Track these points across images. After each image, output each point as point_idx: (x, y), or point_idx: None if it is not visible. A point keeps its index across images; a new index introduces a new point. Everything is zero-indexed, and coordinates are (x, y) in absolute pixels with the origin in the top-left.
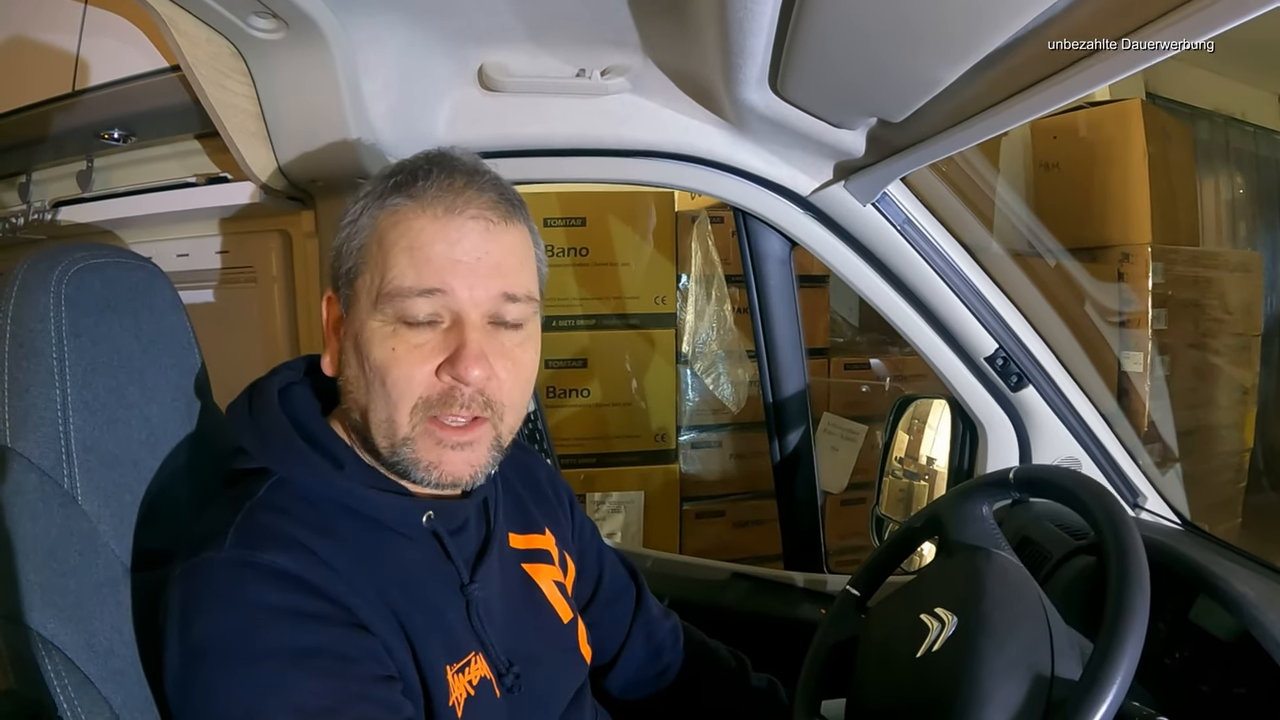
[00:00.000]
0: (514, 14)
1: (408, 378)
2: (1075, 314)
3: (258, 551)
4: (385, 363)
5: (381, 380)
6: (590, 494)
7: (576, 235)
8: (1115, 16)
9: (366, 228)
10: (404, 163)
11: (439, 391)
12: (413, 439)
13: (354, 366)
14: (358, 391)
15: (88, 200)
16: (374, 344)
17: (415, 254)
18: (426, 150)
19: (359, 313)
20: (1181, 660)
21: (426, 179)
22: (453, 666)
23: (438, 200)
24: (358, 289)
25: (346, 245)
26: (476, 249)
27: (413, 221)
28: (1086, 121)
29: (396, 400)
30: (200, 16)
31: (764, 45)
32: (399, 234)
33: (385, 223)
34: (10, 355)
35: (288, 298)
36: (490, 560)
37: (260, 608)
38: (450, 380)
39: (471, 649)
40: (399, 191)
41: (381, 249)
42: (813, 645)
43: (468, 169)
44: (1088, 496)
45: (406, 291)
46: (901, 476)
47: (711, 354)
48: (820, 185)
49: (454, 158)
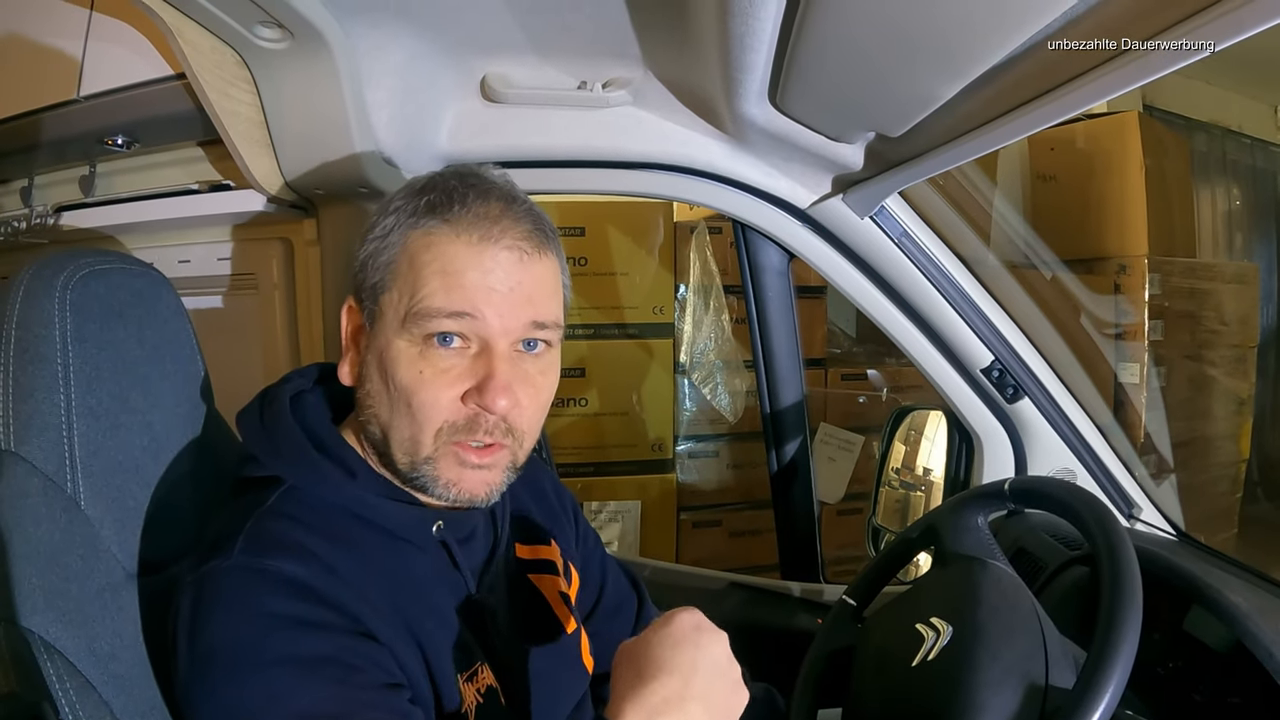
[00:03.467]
0: (517, 26)
1: (434, 402)
2: (1071, 326)
3: (266, 559)
4: (412, 384)
5: (407, 402)
6: (587, 503)
7: (575, 245)
8: (1114, 32)
9: (397, 245)
10: (435, 179)
11: (464, 417)
12: (435, 459)
13: (376, 381)
14: (379, 406)
15: (90, 206)
16: (400, 363)
17: (448, 278)
18: (457, 168)
19: (384, 329)
20: (1175, 670)
21: (463, 203)
22: (463, 675)
23: (473, 227)
24: (383, 304)
25: (373, 260)
26: (510, 279)
27: (446, 246)
28: (1084, 134)
29: (422, 423)
30: (206, 25)
31: (764, 60)
32: (432, 256)
33: (418, 243)
34: (15, 360)
35: (289, 305)
36: (496, 570)
37: (268, 615)
38: (475, 408)
39: (479, 658)
40: (433, 214)
41: (413, 268)
42: (809, 654)
43: (504, 194)
44: (1082, 507)
45: (436, 312)
46: (898, 487)
47: (709, 364)
48: (818, 198)
49: (489, 180)
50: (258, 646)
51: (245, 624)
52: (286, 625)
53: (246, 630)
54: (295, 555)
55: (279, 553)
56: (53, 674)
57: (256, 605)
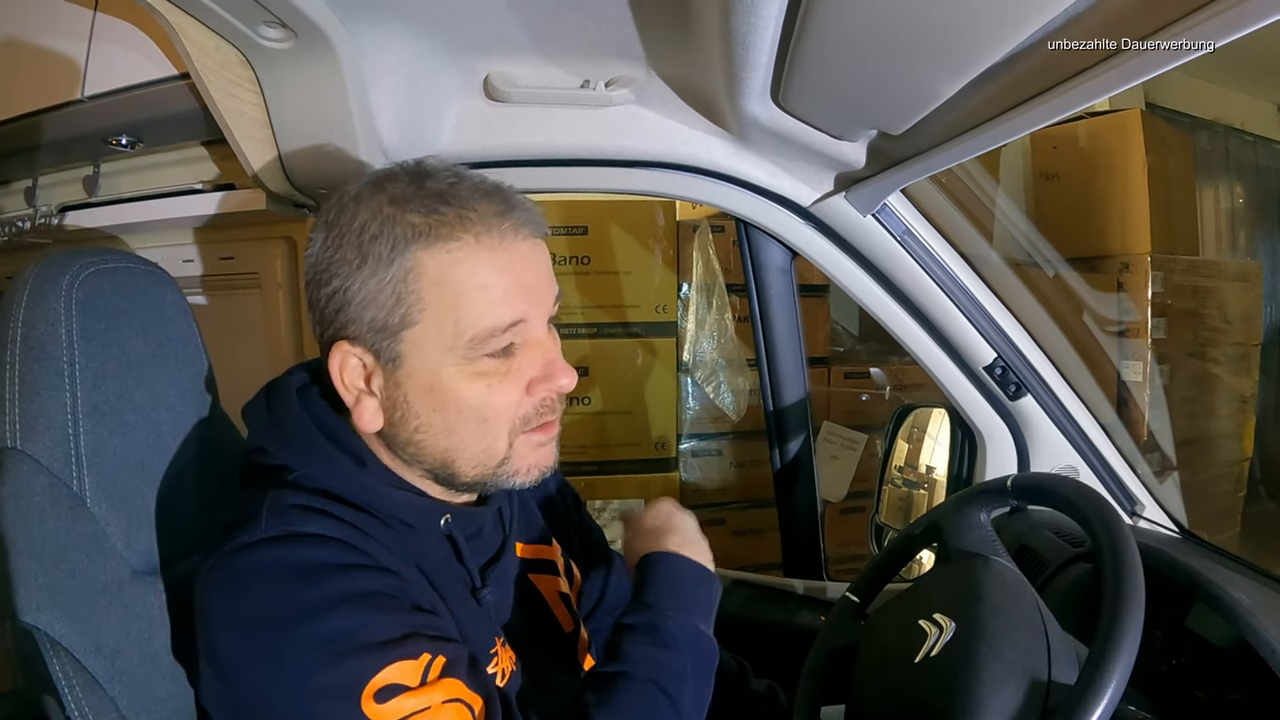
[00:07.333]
0: (520, 25)
1: (506, 406)
2: (1074, 323)
3: (295, 525)
4: (482, 401)
5: (482, 417)
6: (590, 501)
7: (578, 244)
8: (1117, 28)
9: (405, 273)
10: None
11: (533, 407)
12: (510, 457)
13: (427, 414)
14: (433, 436)
15: (94, 205)
16: (462, 387)
17: (490, 291)
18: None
19: (424, 362)
20: (1178, 667)
21: (461, 206)
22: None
23: (488, 229)
24: (413, 339)
25: (372, 298)
26: (535, 269)
27: (472, 259)
28: (1086, 132)
29: (498, 430)
30: (210, 25)
31: (767, 58)
32: (465, 274)
33: (437, 264)
34: (21, 358)
35: (292, 304)
36: (501, 568)
37: (312, 566)
38: (544, 393)
39: (495, 639)
40: (439, 228)
41: (445, 293)
42: (812, 651)
43: (485, 188)
44: (1084, 504)
45: (493, 331)
46: (901, 485)
47: (712, 362)
48: (821, 196)
49: (458, 173)
50: (304, 597)
51: (291, 579)
52: (331, 570)
53: (290, 587)
54: (321, 521)
55: (306, 520)
56: (58, 670)
57: (297, 561)
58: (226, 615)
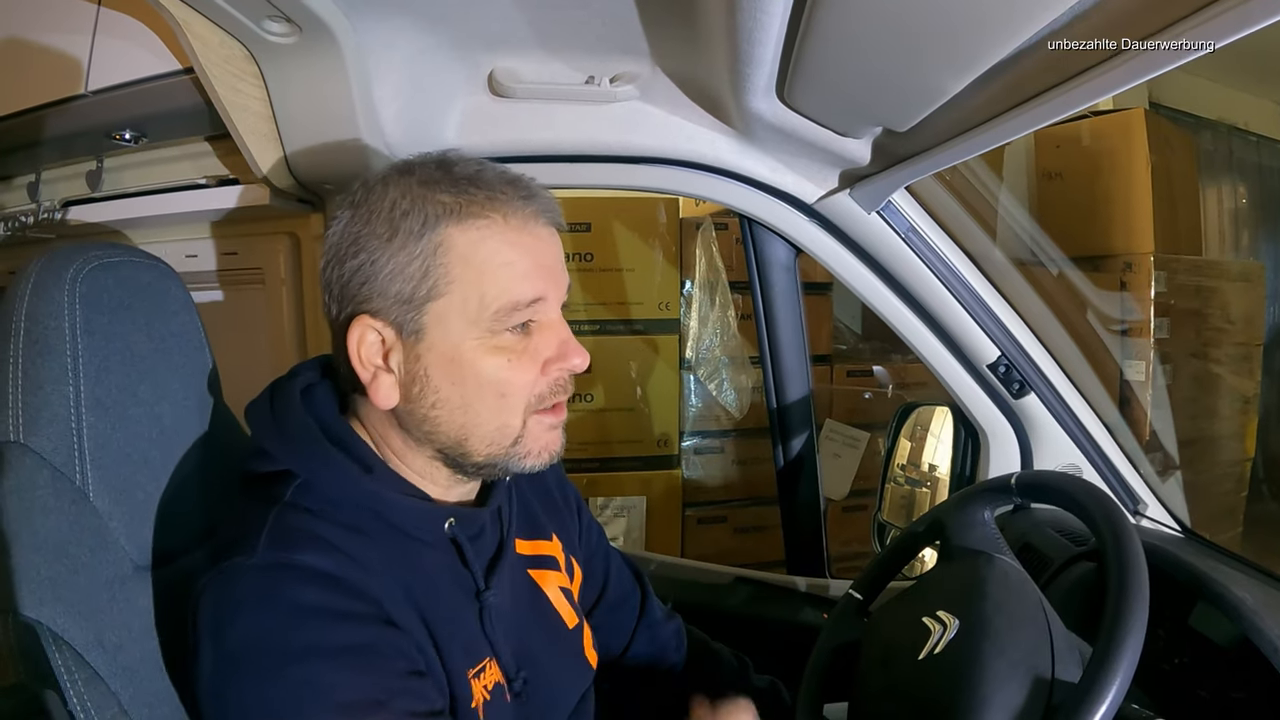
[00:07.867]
0: (525, 21)
1: (524, 382)
2: (1077, 322)
3: (290, 553)
4: (501, 375)
5: (500, 392)
6: (593, 498)
7: (582, 240)
8: (1120, 27)
9: (434, 248)
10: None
11: (546, 386)
12: (523, 435)
13: (446, 389)
14: (450, 412)
15: (97, 200)
16: (483, 361)
17: (514, 267)
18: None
19: (446, 334)
20: (1181, 666)
21: (489, 189)
22: (471, 671)
23: (514, 211)
24: (437, 312)
25: (400, 271)
26: (554, 254)
27: (499, 237)
28: (1090, 131)
29: (514, 406)
30: (214, 19)
31: (772, 54)
32: (491, 249)
33: (465, 240)
34: (24, 352)
35: (296, 300)
36: (502, 567)
37: (297, 608)
38: (557, 372)
39: (486, 654)
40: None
41: (472, 267)
42: (815, 648)
43: (509, 176)
44: (1089, 502)
45: (517, 304)
46: (904, 483)
47: (715, 360)
48: (826, 193)
49: (481, 163)
50: (289, 639)
51: (274, 618)
52: (316, 616)
53: (276, 624)
54: (318, 548)
55: (302, 547)
56: (60, 665)
57: (284, 599)
58: (214, 636)
